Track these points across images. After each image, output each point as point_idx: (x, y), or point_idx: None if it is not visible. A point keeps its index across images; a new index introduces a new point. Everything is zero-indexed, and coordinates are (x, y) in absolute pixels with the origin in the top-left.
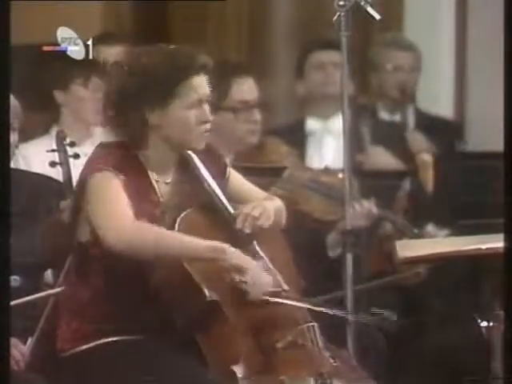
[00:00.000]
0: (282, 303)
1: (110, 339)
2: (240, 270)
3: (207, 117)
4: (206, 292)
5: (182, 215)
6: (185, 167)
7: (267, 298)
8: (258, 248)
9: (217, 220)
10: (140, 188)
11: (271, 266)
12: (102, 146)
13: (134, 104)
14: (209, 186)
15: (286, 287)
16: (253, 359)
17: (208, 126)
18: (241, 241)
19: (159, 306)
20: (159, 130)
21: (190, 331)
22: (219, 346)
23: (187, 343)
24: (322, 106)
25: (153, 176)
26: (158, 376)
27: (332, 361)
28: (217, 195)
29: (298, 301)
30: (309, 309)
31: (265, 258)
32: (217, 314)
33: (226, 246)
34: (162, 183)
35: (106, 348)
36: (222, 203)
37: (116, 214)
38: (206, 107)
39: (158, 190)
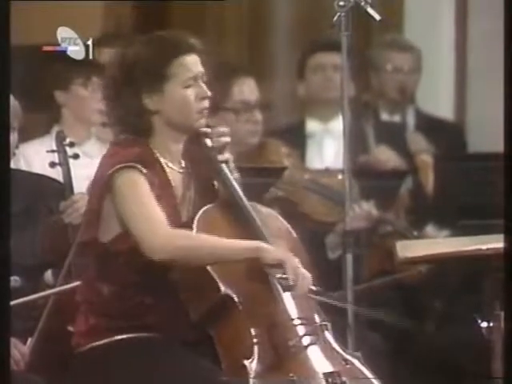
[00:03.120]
0: (295, 300)
1: (125, 336)
2: (279, 265)
3: (205, 92)
4: (221, 286)
5: (201, 212)
6: (197, 158)
7: (310, 295)
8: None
9: (235, 217)
10: (158, 179)
11: None
12: (114, 143)
13: (131, 93)
14: (230, 182)
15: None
16: (265, 356)
17: (207, 102)
18: (258, 238)
19: (175, 301)
20: (161, 115)
21: (203, 326)
22: (232, 341)
23: (201, 338)
24: (322, 108)
25: (165, 163)
26: (170, 373)
27: (343, 362)
28: (237, 193)
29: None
30: (322, 308)
31: None
32: (231, 309)
33: (261, 244)
34: (174, 171)
35: (121, 344)
36: (241, 199)
37: (151, 223)
38: (202, 84)
39: (171, 179)
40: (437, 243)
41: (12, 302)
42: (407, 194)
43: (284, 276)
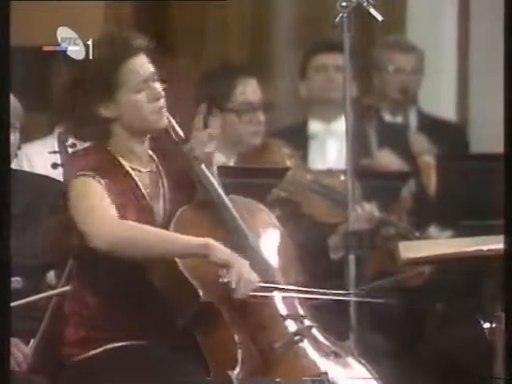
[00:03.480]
0: (280, 302)
1: (114, 345)
2: (225, 266)
3: (158, 93)
4: (201, 293)
5: (178, 214)
6: (168, 155)
7: (254, 293)
8: (255, 243)
9: (213, 215)
10: (121, 185)
11: (269, 261)
12: (75, 151)
13: (86, 103)
14: (206, 179)
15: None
16: (250, 360)
17: (162, 102)
18: (238, 236)
19: (162, 309)
20: (118, 122)
21: (190, 333)
22: (218, 347)
23: (190, 344)
24: (325, 109)
25: (130, 165)
26: (161, 380)
27: (332, 355)
28: (213, 186)
29: (289, 292)
30: (308, 308)
31: (262, 253)
32: (213, 316)
33: (211, 241)
34: (140, 172)
35: (111, 354)
36: (219, 196)
37: (97, 214)
38: (156, 85)
39: (139, 181)
40: (439, 244)
41: (14, 303)
42: (409, 195)
43: (226, 280)
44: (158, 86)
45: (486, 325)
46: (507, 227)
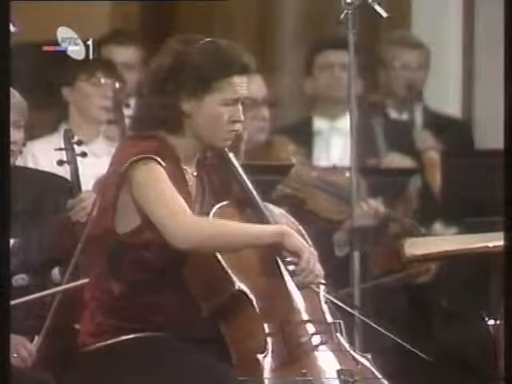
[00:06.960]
0: (301, 298)
1: (132, 335)
2: (296, 253)
3: (240, 117)
4: (236, 282)
5: (216, 207)
6: (213, 163)
7: (315, 288)
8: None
9: (248, 215)
10: (174, 175)
11: None
12: (130, 136)
13: (172, 91)
14: (244, 182)
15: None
16: (278, 352)
17: (238, 126)
18: None
19: (186, 298)
20: (191, 121)
21: (215, 322)
22: (245, 336)
23: (211, 336)
24: (330, 106)
25: (183, 162)
26: (179, 373)
27: (354, 363)
28: (251, 192)
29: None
30: (334, 306)
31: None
32: (244, 305)
33: (285, 228)
34: (190, 174)
35: (129, 344)
36: (255, 199)
37: (174, 210)
38: (240, 108)
39: (187, 178)
40: (444, 241)
41: (18, 300)
42: (415, 192)
43: (293, 260)
44: (241, 109)
45: (491, 321)
46: (507, 223)
